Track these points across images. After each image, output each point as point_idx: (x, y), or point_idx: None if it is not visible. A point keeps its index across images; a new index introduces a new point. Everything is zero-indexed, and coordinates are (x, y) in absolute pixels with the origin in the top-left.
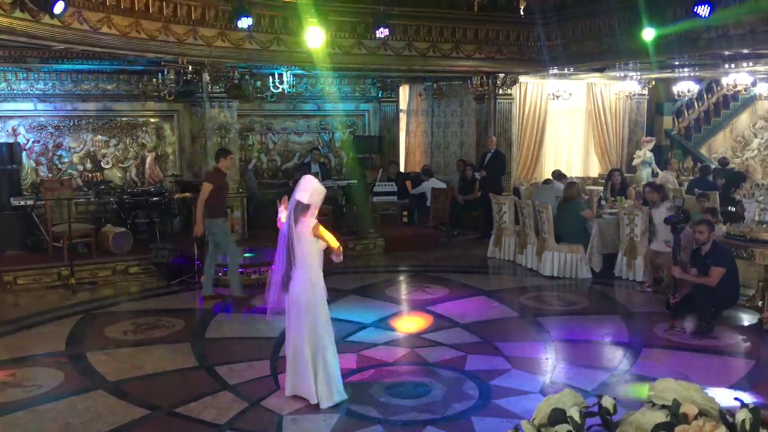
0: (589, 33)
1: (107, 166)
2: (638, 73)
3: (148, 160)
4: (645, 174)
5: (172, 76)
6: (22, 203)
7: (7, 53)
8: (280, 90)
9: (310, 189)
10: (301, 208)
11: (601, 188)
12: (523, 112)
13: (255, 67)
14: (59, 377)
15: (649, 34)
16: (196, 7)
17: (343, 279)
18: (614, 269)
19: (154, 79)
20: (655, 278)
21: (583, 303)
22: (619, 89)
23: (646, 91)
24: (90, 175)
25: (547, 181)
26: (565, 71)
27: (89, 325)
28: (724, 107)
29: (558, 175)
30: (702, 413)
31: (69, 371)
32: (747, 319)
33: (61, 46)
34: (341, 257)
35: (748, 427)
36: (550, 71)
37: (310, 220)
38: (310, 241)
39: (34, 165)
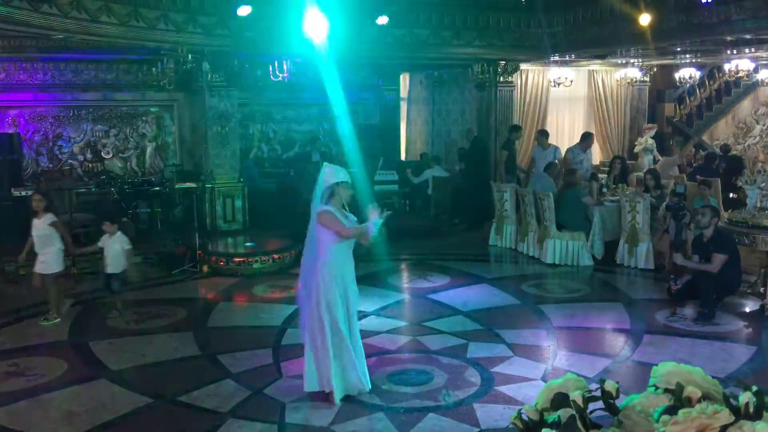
0: (591, 19)
1: (108, 156)
2: (639, 60)
3: (149, 150)
4: (647, 161)
5: (171, 65)
6: (23, 194)
7: (6, 43)
8: (280, 78)
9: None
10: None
11: (602, 176)
12: (525, 100)
13: (255, 55)
14: (62, 366)
15: (645, 19)
16: None
17: None
18: (616, 256)
19: (154, 69)
20: (657, 265)
21: (585, 290)
22: (621, 76)
23: (647, 78)
24: (90, 165)
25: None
26: (567, 58)
27: (91, 314)
28: (725, 93)
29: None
30: (705, 396)
31: (72, 360)
32: (749, 305)
33: (60, 35)
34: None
35: (751, 409)
36: (552, 58)
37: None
38: (322, 230)
39: (34, 155)
